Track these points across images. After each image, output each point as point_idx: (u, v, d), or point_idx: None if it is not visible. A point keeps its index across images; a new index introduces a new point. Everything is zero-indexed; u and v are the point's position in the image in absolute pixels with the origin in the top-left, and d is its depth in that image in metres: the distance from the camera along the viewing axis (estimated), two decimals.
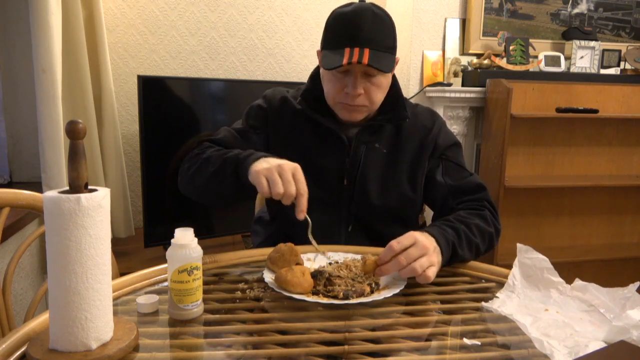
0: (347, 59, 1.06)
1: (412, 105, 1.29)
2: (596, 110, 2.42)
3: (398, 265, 0.89)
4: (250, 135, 1.24)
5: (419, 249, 0.90)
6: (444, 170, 1.22)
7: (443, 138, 1.24)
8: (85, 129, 0.64)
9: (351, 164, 1.20)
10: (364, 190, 1.19)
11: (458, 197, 1.19)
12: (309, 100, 1.22)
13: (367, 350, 0.70)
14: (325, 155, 1.20)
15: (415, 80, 2.59)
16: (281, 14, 2.58)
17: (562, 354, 0.67)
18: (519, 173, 2.57)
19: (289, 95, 1.28)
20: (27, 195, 1.07)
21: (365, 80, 1.12)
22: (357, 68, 1.10)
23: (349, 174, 1.20)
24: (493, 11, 2.59)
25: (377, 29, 1.09)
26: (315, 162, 1.18)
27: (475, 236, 1.07)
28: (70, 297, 0.63)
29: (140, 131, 1.99)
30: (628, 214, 2.74)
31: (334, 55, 1.10)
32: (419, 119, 1.25)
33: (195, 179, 1.14)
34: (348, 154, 1.20)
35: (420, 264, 0.89)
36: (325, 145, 1.21)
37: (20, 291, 1.61)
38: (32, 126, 1.80)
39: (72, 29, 1.84)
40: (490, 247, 1.13)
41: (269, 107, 1.26)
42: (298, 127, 1.23)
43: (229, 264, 1.03)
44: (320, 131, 1.21)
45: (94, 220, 0.63)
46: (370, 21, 1.08)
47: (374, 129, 1.22)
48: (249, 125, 1.25)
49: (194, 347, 0.72)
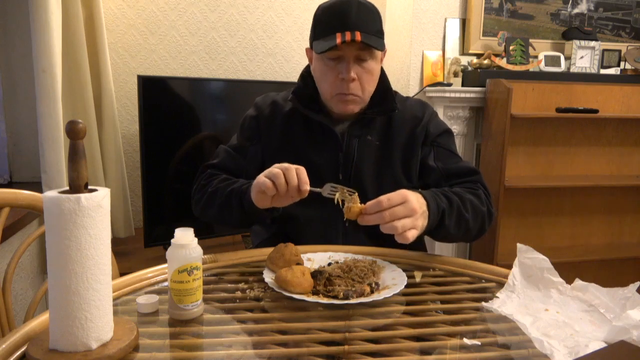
0: (340, 39, 1.09)
1: (402, 98, 1.31)
2: (596, 110, 2.42)
3: (381, 219, 0.91)
4: (247, 148, 1.26)
5: (406, 210, 0.92)
6: (435, 155, 1.24)
7: (434, 126, 1.26)
8: (85, 129, 0.64)
9: (345, 159, 1.21)
10: (360, 184, 1.20)
11: (451, 180, 1.21)
12: (301, 97, 1.23)
13: (367, 350, 0.70)
14: (319, 151, 1.22)
15: (415, 80, 2.58)
16: (281, 14, 2.58)
17: (562, 354, 0.67)
18: (519, 173, 2.57)
19: (279, 98, 1.30)
20: (27, 195, 1.07)
21: (357, 66, 1.14)
22: (350, 53, 1.13)
23: (343, 169, 1.21)
24: (493, 11, 2.59)
25: (365, 15, 1.12)
26: (310, 159, 1.19)
27: (467, 211, 1.08)
28: (70, 297, 0.63)
29: (140, 131, 1.99)
30: (628, 214, 2.74)
31: (325, 41, 1.12)
32: (409, 110, 1.27)
33: (207, 212, 1.20)
34: (341, 148, 1.21)
35: (403, 223, 0.91)
36: (318, 142, 1.23)
37: (20, 291, 1.61)
38: (32, 126, 1.80)
39: (72, 29, 1.84)
40: (481, 228, 1.14)
41: (260, 114, 1.28)
42: (291, 128, 1.25)
43: (229, 264, 1.03)
44: (313, 128, 1.23)
45: (94, 220, 0.63)
46: (356, 9, 1.12)
47: (365, 122, 1.23)
48: (244, 138, 1.28)
49: (194, 347, 0.72)
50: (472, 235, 1.13)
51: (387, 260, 1.01)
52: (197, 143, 2.17)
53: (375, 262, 0.98)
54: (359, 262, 0.97)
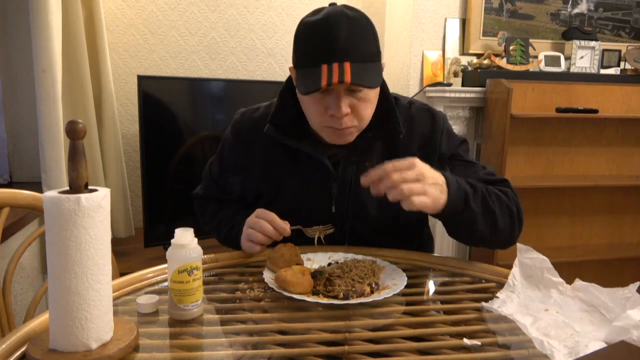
0: (326, 79, 0.90)
1: (405, 107, 1.12)
2: (596, 110, 2.42)
3: (388, 182, 0.83)
4: (227, 178, 1.21)
5: (414, 173, 0.84)
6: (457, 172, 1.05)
7: (446, 143, 1.10)
8: (85, 129, 0.64)
9: (340, 190, 1.08)
10: (360, 216, 1.09)
11: None
12: (279, 125, 1.07)
13: (367, 351, 0.70)
14: (307, 183, 1.09)
15: (415, 80, 2.58)
16: (281, 14, 2.58)
17: (562, 354, 0.67)
18: (519, 173, 2.57)
19: (257, 115, 1.14)
20: (27, 195, 1.07)
21: (350, 96, 0.96)
22: (339, 86, 0.94)
23: (337, 200, 1.08)
24: (493, 11, 2.59)
25: (356, 36, 0.93)
26: (295, 193, 1.09)
27: (494, 203, 0.97)
28: (70, 297, 0.63)
29: (140, 131, 1.99)
30: (628, 214, 2.74)
31: (309, 75, 0.94)
32: (415, 126, 1.09)
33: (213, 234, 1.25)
34: (335, 177, 1.08)
35: (410, 187, 0.82)
36: (306, 173, 1.09)
37: (20, 291, 1.61)
38: (32, 126, 1.80)
39: (72, 29, 1.84)
40: (511, 230, 1.01)
41: (238, 139, 1.15)
42: (272, 157, 1.10)
43: (229, 264, 1.03)
44: (299, 157, 1.08)
45: (94, 220, 0.63)
46: (345, 29, 0.92)
47: (364, 147, 1.07)
48: (223, 169, 1.21)
49: (194, 347, 0.72)
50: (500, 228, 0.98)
51: (387, 260, 1.01)
52: (197, 143, 2.17)
53: (375, 262, 0.98)
54: (359, 262, 0.96)
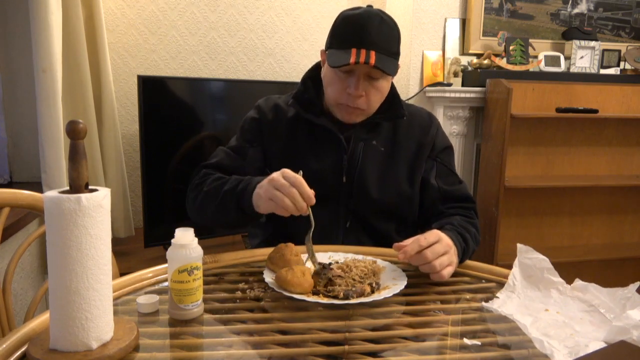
0: (355, 58, 1.08)
1: (406, 104, 1.30)
2: (596, 110, 2.42)
3: (424, 260, 0.92)
4: (247, 150, 1.24)
5: (443, 246, 0.94)
6: (437, 173, 1.25)
7: (440, 139, 1.28)
8: (85, 129, 0.64)
9: (349, 162, 1.21)
10: (363, 187, 1.20)
11: (448, 203, 1.23)
12: (301, 102, 1.23)
13: (368, 350, 0.70)
14: (323, 155, 1.21)
15: (415, 80, 2.58)
16: (281, 14, 2.58)
17: (562, 354, 0.67)
18: (519, 173, 2.57)
19: (281, 101, 1.29)
20: (27, 195, 1.07)
21: (367, 82, 1.14)
22: (361, 69, 1.12)
23: (347, 172, 1.21)
24: (493, 11, 2.59)
25: (384, 33, 1.11)
26: (313, 164, 1.19)
27: (475, 244, 1.14)
28: (70, 297, 0.63)
29: (140, 131, 1.98)
30: (628, 214, 2.74)
31: (340, 54, 1.11)
32: (415, 118, 1.27)
33: (202, 212, 1.18)
34: (346, 151, 1.21)
35: (440, 262, 0.92)
36: (322, 146, 1.22)
37: (20, 291, 1.61)
38: (32, 126, 1.80)
39: (72, 29, 1.83)
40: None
41: (262, 117, 1.27)
42: (293, 133, 1.24)
43: (229, 264, 1.03)
44: (316, 132, 1.23)
45: (94, 220, 0.63)
46: (377, 25, 1.10)
47: (371, 126, 1.23)
48: (245, 140, 1.26)
49: (194, 347, 0.72)
50: None
51: (387, 260, 1.01)
52: (197, 143, 2.17)
53: (375, 262, 0.98)
54: (359, 262, 0.97)
